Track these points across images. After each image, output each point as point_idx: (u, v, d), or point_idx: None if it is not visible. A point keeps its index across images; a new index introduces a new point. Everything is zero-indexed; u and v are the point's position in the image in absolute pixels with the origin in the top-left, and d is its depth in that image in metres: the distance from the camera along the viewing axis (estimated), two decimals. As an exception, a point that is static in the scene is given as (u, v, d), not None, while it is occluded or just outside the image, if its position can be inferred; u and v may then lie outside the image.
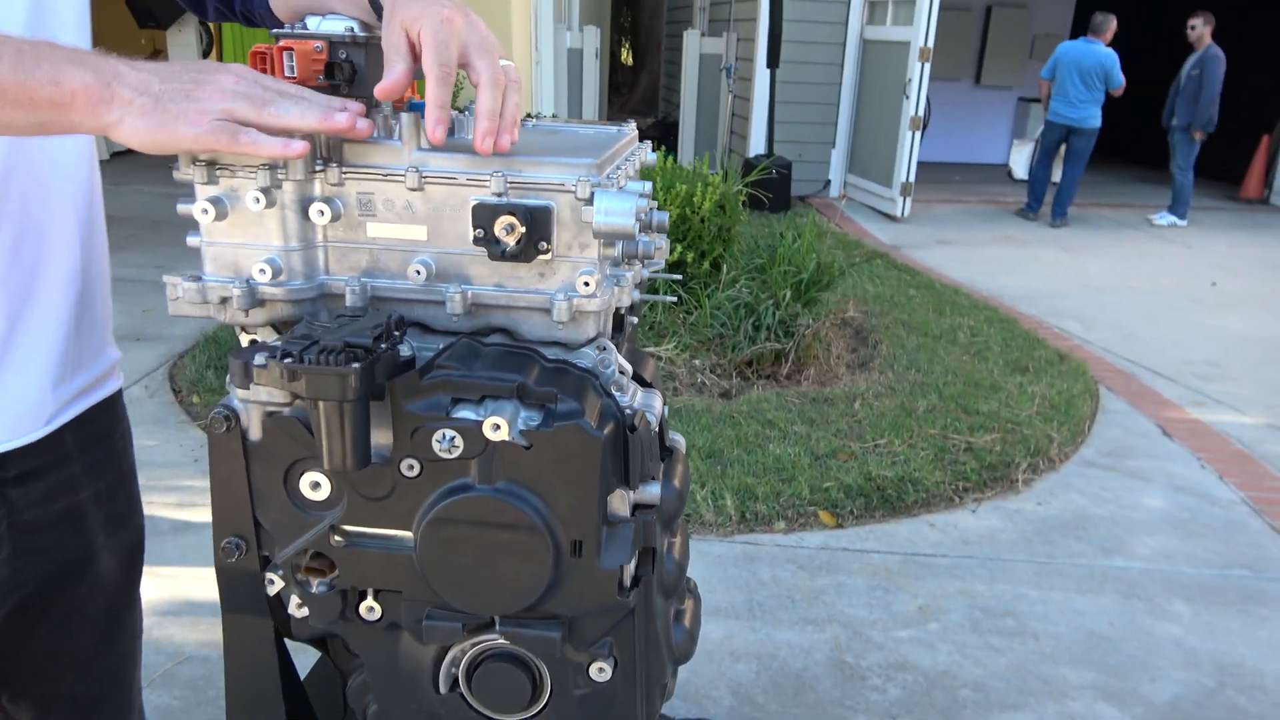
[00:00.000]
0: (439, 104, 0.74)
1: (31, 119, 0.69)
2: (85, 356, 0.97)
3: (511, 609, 0.80)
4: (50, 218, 0.89)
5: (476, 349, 0.80)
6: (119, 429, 1.07)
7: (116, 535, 1.05)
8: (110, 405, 1.05)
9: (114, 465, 1.05)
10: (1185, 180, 7.84)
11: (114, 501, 1.05)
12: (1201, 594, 2.57)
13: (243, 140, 0.71)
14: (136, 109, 0.69)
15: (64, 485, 0.97)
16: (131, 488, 1.10)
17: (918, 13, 7.12)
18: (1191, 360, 4.56)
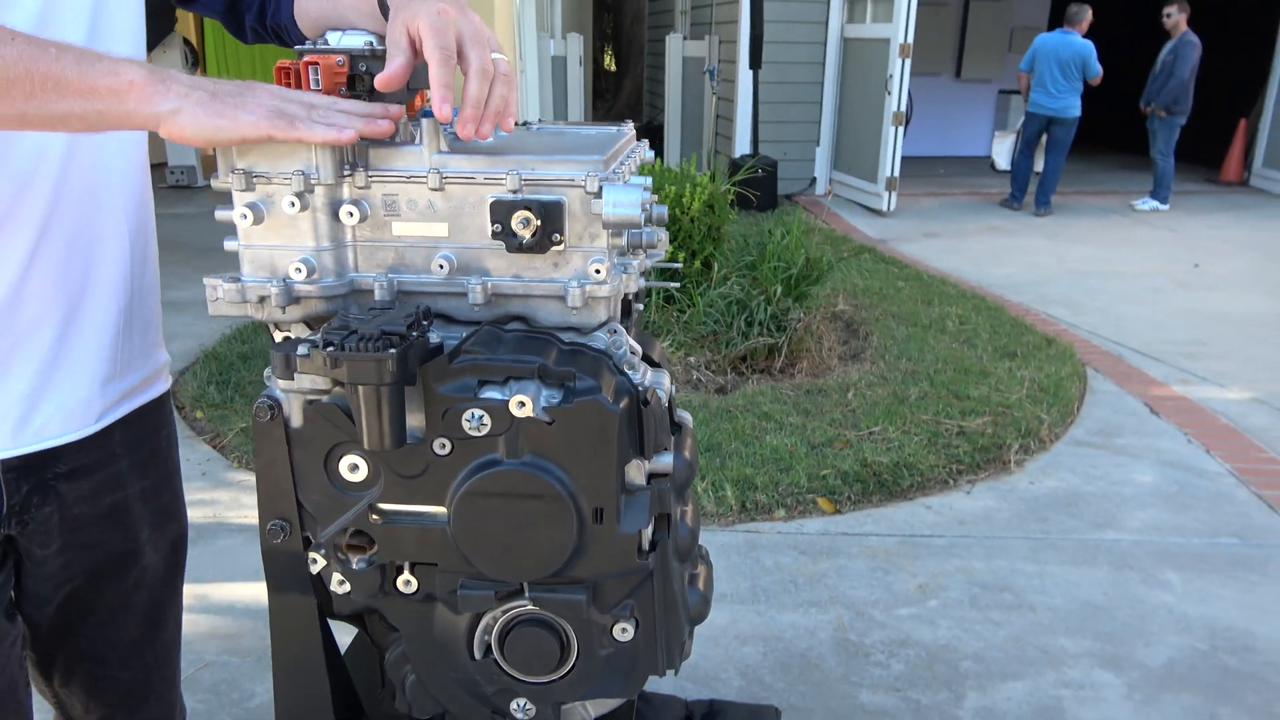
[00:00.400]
0: (444, 84, 0.80)
1: (89, 108, 0.75)
2: (135, 358, 1.03)
3: (540, 575, 0.86)
4: (102, 225, 0.95)
5: (499, 335, 0.86)
6: (165, 429, 1.13)
7: (161, 531, 1.11)
8: (158, 406, 1.10)
9: (160, 464, 1.10)
10: (1166, 165, 7.95)
11: (159, 498, 1.10)
12: (1192, 562, 2.65)
13: (300, 126, 0.77)
14: (194, 100, 0.76)
15: (111, 482, 1.02)
16: (176, 485, 1.15)
17: (897, 10, 7.22)
18: (1177, 340, 4.65)
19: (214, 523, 2.81)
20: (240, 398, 3.65)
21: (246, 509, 2.89)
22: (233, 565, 2.59)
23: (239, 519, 2.83)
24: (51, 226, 0.91)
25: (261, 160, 0.84)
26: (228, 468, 3.17)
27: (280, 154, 0.84)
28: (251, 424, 0.86)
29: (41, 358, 0.93)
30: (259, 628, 2.33)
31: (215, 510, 2.88)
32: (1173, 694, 2.11)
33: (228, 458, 3.23)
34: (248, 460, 3.18)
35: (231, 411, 3.52)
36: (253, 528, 2.81)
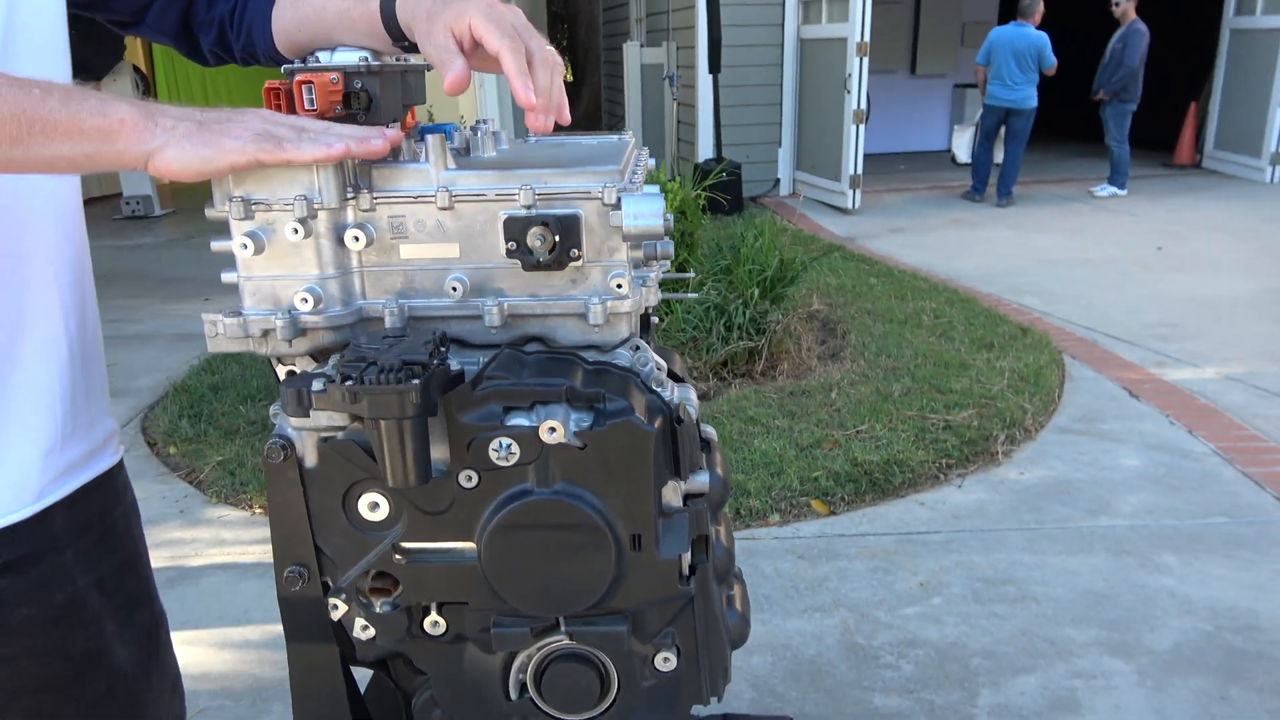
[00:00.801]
0: (520, 71, 0.77)
1: (78, 150, 0.71)
2: (76, 429, 0.92)
3: (578, 608, 0.82)
4: (27, 280, 0.86)
5: (521, 358, 0.82)
6: (120, 506, 1.00)
7: (129, 624, 0.98)
8: (107, 481, 0.98)
9: (117, 548, 0.98)
10: (1122, 151, 8.07)
11: (122, 587, 0.97)
12: (1187, 544, 2.66)
13: (287, 147, 0.73)
14: (181, 132, 0.72)
15: (58, 575, 0.90)
16: (142, 568, 1.03)
17: (852, 9, 7.26)
18: (1148, 323, 4.70)
19: (196, 561, 2.73)
20: (214, 430, 3.56)
21: (229, 546, 2.81)
22: (219, 605, 2.51)
23: (222, 557, 2.75)
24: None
25: (260, 187, 0.79)
26: (206, 504, 3.08)
27: (279, 179, 0.79)
28: (263, 466, 0.81)
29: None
30: (250, 668, 2.26)
31: (197, 549, 2.80)
32: (1183, 678, 2.10)
33: (205, 493, 3.14)
34: (227, 495, 3.09)
35: (206, 445, 3.43)
36: (237, 565, 2.74)
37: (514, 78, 0.77)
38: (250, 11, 0.97)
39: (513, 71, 0.77)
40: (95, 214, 9.15)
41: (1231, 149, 9.05)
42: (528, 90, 0.77)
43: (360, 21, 0.88)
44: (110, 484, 0.98)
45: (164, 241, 7.64)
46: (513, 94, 0.78)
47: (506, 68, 0.77)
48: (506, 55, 0.77)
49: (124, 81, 8.13)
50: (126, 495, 1.02)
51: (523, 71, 0.77)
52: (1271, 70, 8.33)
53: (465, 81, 0.79)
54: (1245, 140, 8.81)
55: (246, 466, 3.23)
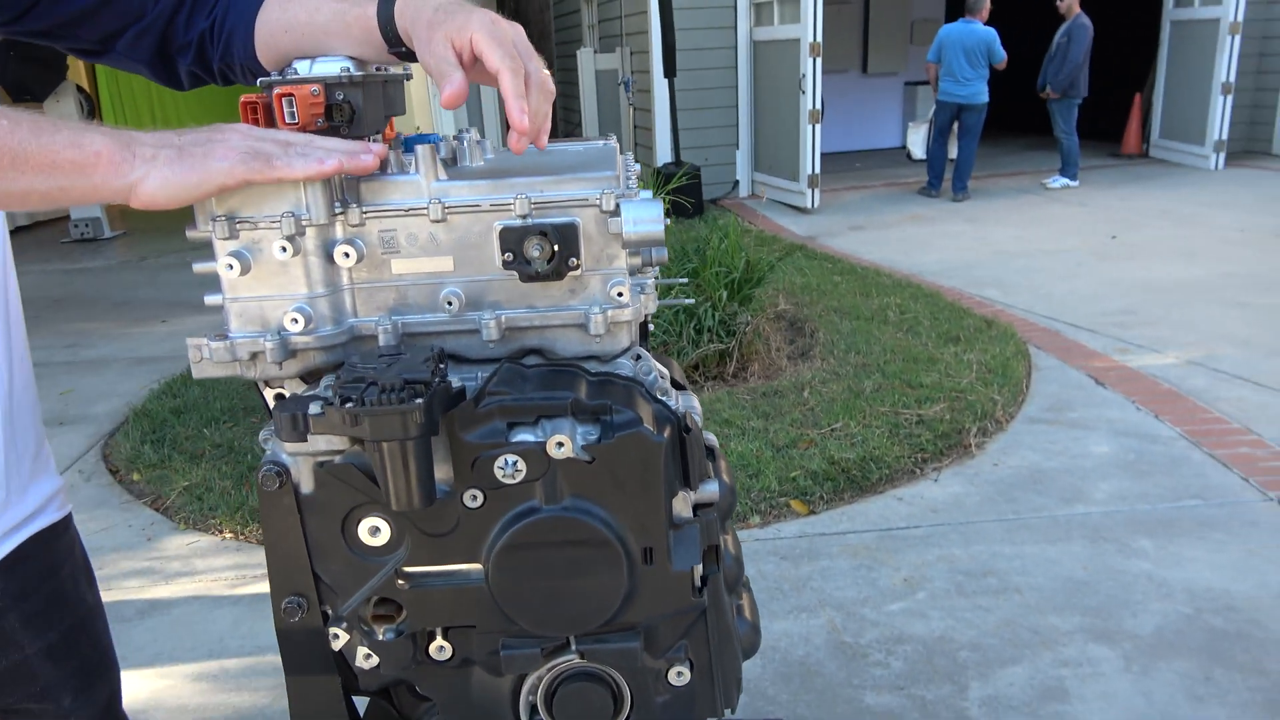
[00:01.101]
0: (517, 94, 0.75)
1: (51, 184, 0.68)
2: (10, 493, 0.86)
3: (590, 625, 0.80)
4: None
5: (522, 372, 0.80)
6: (67, 565, 0.93)
7: (88, 693, 0.92)
8: (51, 540, 0.91)
9: (67, 611, 0.91)
10: (1071, 143, 8.22)
11: (76, 653, 0.91)
12: (1161, 528, 2.70)
13: (277, 165, 0.70)
14: (162, 160, 0.69)
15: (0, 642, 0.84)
16: (97, 631, 0.96)
17: (804, 10, 7.31)
18: (1108, 311, 4.78)
19: (166, 590, 2.65)
20: (178, 455, 3.47)
21: (200, 573, 2.74)
22: (192, 635, 2.44)
23: (193, 585, 2.68)
24: None
25: (245, 205, 0.76)
26: (174, 530, 3.00)
27: (265, 196, 0.76)
28: (258, 494, 0.78)
29: None
30: (229, 699, 2.20)
31: (166, 577, 2.72)
32: (1166, 661, 2.13)
33: (173, 519, 3.06)
34: (195, 521, 3.02)
35: (171, 470, 3.35)
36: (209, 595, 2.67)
37: (510, 100, 0.75)
38: (232, 18, 0.92)
39: (510, 94, 0.75)
40: (42, 237, 8.93)
41: (1176, 138, 9.26)
42: (523, 115, 0.75)
43: (355, 25, 0.85)
44: (57, 543, 0.92)
45: (115, 264, 7.46)
46: (507, 115, 0.76)
47: (504, 89, 0.75)
48: (506, 76, 0.75)
49: (67, 102, 7.94)
50: (75, 553, 0.95)
51: (520, 94, 0.75)
52: (1211, 60, 8.54)
53: (463, 96, 0.77)
54: (1189, 129, 9.02)
55: (214, 490, 3.16)
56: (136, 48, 0.96)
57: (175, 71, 1.00)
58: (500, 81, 0.75)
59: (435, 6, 0.81)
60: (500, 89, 0.76)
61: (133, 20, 0.94)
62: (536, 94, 0.78)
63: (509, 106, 0.75)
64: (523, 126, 0.76)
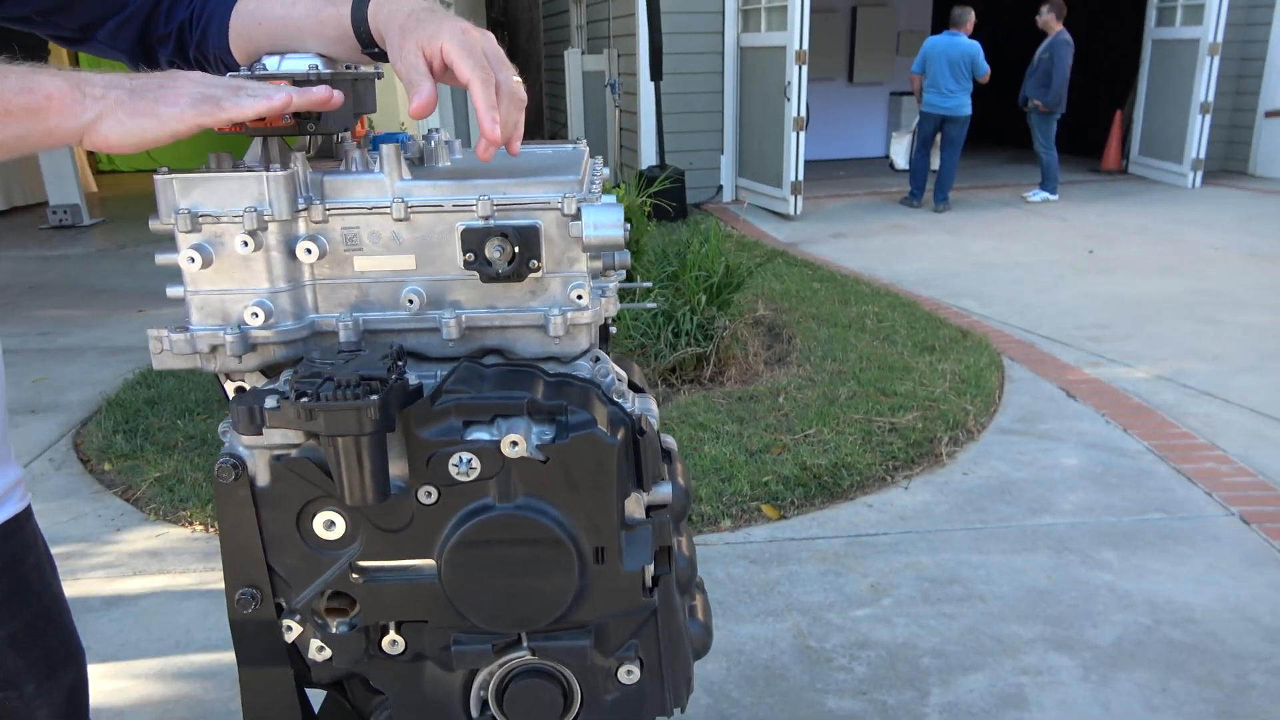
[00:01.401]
0: (490, 105, 0.76)
1: (7, 133, 0.68)
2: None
3: (541, 623, 0.81)
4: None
5: (480, 371, 0.81)
6: (31, 556, 0.93)
7: (51, 680, 0.92)
8: (15, 530, 0.92)
9: (28, 600, 0.91)
10: (1050, 158, 8.30)
11: (40, 642, 0.91)
12: (1125, 540, 2.73)
13: (227, 106, 0.71)
14: (112, 101, 0.69)
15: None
16: (62, 621, 0.96)
17: (790, 18, 7.35)
18: (1082, 324, 4.83)
19: (134, 582, 2.64)
20: (150, 446, 3.45)
21: (169, 567, 2.72)
22: (159, 627, 2.43)
23: (161, 576, 2.67)
24: None
25: (208, 198, 0.77)
26: (144, 522, 2.98)
27: (228, 190, 0.77)
28: (213, 486, 0.79)
29: None
30: (194, 692, 2.19)
31: (134, 569, 2.71)
32: (1125, 671, 2.16)
33: (143, 510, 3.05)
34: (166, 513, 3.00)
35: (143, 461, 3.33)
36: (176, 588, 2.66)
37: (482, 110, 0.76)
38: (209, 8, 0.93)
39: (481, 104, 0.76)
40: (20, 223, 8.84)
41: (1155, 155, 9.36)
42: (494, 125, 0.76)
43: (329, 23, 0.86)
44: (19, 533, 0.91)
45: (93, 252, 7.40)
46: (479, 124, 0.77)
47: (475, 100, 0.76)
48: (477, 86, 0.76)
49: (49, 87, 7.85)
50: (38, 544, 0.95)
51: (491, 105, 0.76)
52: (1190, 79, 8.64)
53: (431, 106, 0.78)
54: (1167, 147, 9.13)
55: (186, 483, 3.14)
56: (118, 37, 0.96)
57: (155, 62, 1.00)
58: (471, 92, 0.76)
59: (408, 12, 0.82)
60: (471, 99, 0.77)
61: (114, 10, 0.94)
62: (507, 103, 0.79)
63: (480, 116, 0.76)
64: (495, 136, 0.77)
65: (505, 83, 0.78)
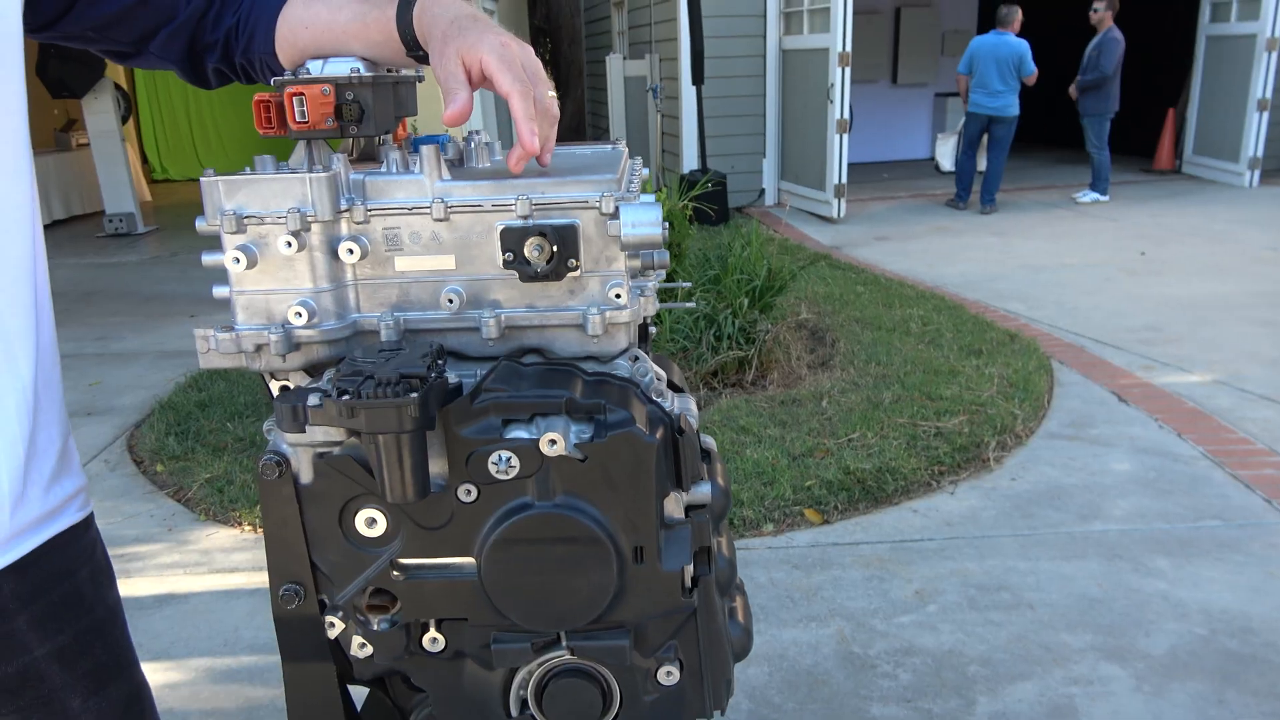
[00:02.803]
0: (527, 116, 0.77)
1: None
2: (30, 489, 0.84)
3: (580, 622, 0.81)
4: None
5: (519, 370, 0.81)
6: (86, 568, 0.91)
7: (100, 695, 0.89)
8: (69, 542, 0.89)
9: (80, 613, 0.88)
10: (1102, 158, 8.14)
11: (89, 656, 0.88)
12: (1179, 547, 2.66)
13: None
14: None
15: (6, 645, 0.82)
16: (114, 635, 0.93)
17: (833, 20, 7.31)
18: (1133, 327, 4.73)
19: (184, 581, 2.69)
20: (201, 448, 3.52)
21: (218, 565, 2.78)
22: (208, 625, 2.48)
23: (211, 575, 2.72)
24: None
25: (253, 200, 0.78)
26: (194, 522, 3.05)
27: (272, 192, 0.78)
28: (258, 483, 0.80)
29: None
30: (242, 688, 2.23)
31: (185, 568, 2.76)
32: (1179, 682, 2.10)
33: (194, 511, 3.11)
34: (215, 513, 3.06)
35: (194, 463, 3.40)
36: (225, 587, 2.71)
37: (521, 123, 0.77)
38: (255, 14, 0.94)
39: (520, 117, 0.77)
40: (78, 231, 9.08)
41: (1210, 154, 9.14)
42: (533, 137, 0.77)
43: (375, 27, 0.86)
44: (74, 543, 0.89)
45: (147, 259, 7.58)
46: (517, 136, 0.78)
47: (515, 112, 0.77)
48: (516, 100, 0.77)
49: (105, 99, 8.08)
50: (95, 554, 0.93)
51: (530, 117, 0.77)
52: (1247, 76, 8.43)
53: (466, 115, 0.79)
54: (1223, 145, 8.90)
55: (235, 484, 3.20)
56: (169, 48, 0.97)
57: (203, 70, 1.01)
58: (511, 104, 0.77)
59: (450, 19, 0.83)
60: (511, 111, 0.78)
61: (165, 20, 0.95)
62: (542, 119, 0.80)
63: (520, 129, 0.77)
64: (534, 148, 0.78)
65: (541, 98, 0.79)
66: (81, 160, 9.13)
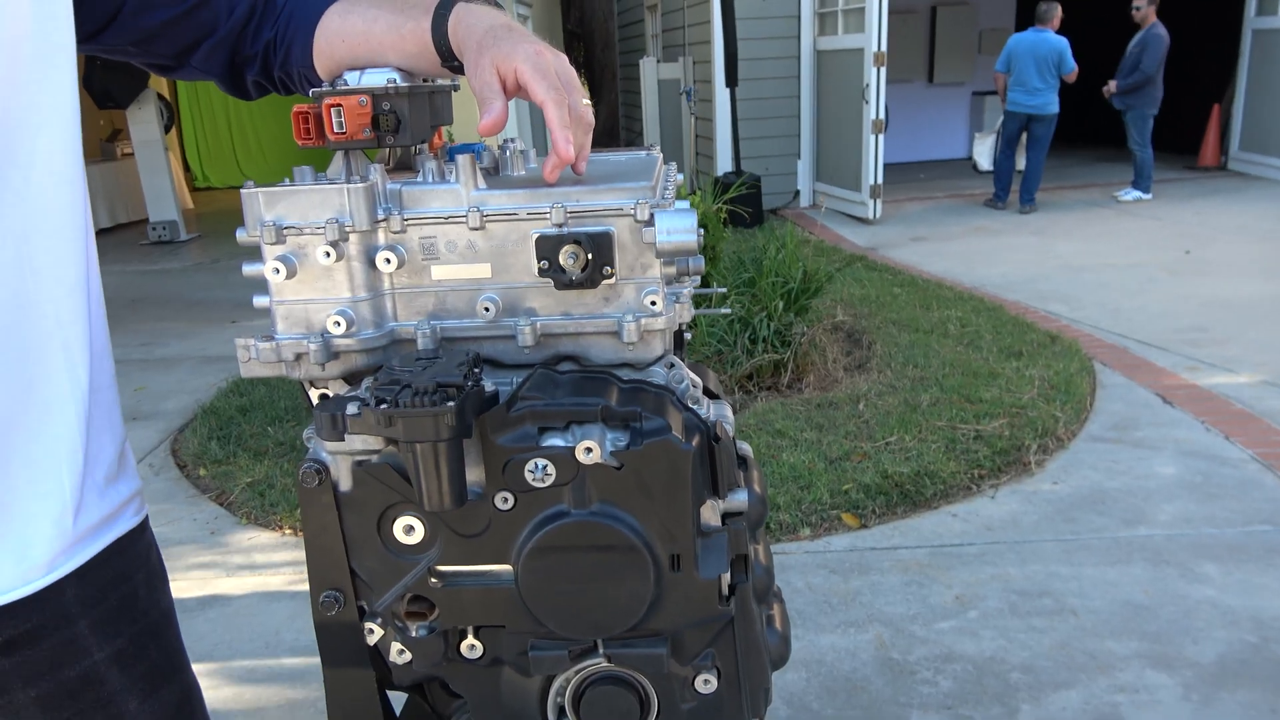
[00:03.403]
0: (562, 124, 0.77)
1: None
2: (90, 492, 0.84)
3: (617, 630, 0.80)
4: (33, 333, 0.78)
5: (554, 378, 0.81)
6: (142, 571, 0.92)
7: (155, 697, 0.90)
8: (128, 545, 0.90)
9: (137, 616, 0.89)
10: (1145, 155, 8.00)
11: (145, 658, 0.89)
12: (1228, 553, 2.60)
13: None
14: None
15: (69, 649, 0.83)
16: (169, 638, 0.94)
17: (869, 20, 7.25)
18: (1179, 328, 4.63)
19: (227, 583, 2.74)
20: (243, 452, 3.57)
21: (259, 568, 2.82)
22: (250, 629, 2.51)
23: (252, 578, 2.76)
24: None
25: (292, 211, 0.79)
26: (236, 525, 3.09)
27: (310, 203, 0.79)
28: (297, 490, 0.81)
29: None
30: (282, 692, 2.26)
31: (227, 571, 2.81)
32: (1229, 691, 2.06)
33: (235, 514, 3.16)
34: (257, 517, 3.10)
35: (236, 467, 3.45)
36: (267, 589, 2.74)
37: (556, 131, 0.77)
38: (293, 27, 0.95)
39: (556, 125, 0.77)
40: (123, 239, 9.28)
41: (1256, 150, 8.94)
42: (568, 145, 0.77)
43: (410, 38, 0.87)
44: (132, 548, 0.90)
45: (190, 265, 7.73)
46: (552, 145, 0.78)
47: (550, 120, 0.77)
48: (551, 108, 0.77)
49: (149, 109, 8.25)
50: (150, 558, 0.94)
51: (565, 125, 0.77)
52: (1296, 70, 8.23)
53: (501, 124, 0.79)
54: (1270, 141, 8.70)
55: (276, 488, 3.25)
56: (210, 61, 0.98)
57: (243, 82, 1.02)
58: (546, 113, 0.77)
59: (486, 29, 0.83)
60: (546, 120, 0.78)
61: (206, 34, 0.96)
62: (576, 127, 0.80)
63: (555, 137, 0.77)
64: (569, 156, 0.78)
65: (576, 106, 0.79)
66: (126, 169, 9.33)
